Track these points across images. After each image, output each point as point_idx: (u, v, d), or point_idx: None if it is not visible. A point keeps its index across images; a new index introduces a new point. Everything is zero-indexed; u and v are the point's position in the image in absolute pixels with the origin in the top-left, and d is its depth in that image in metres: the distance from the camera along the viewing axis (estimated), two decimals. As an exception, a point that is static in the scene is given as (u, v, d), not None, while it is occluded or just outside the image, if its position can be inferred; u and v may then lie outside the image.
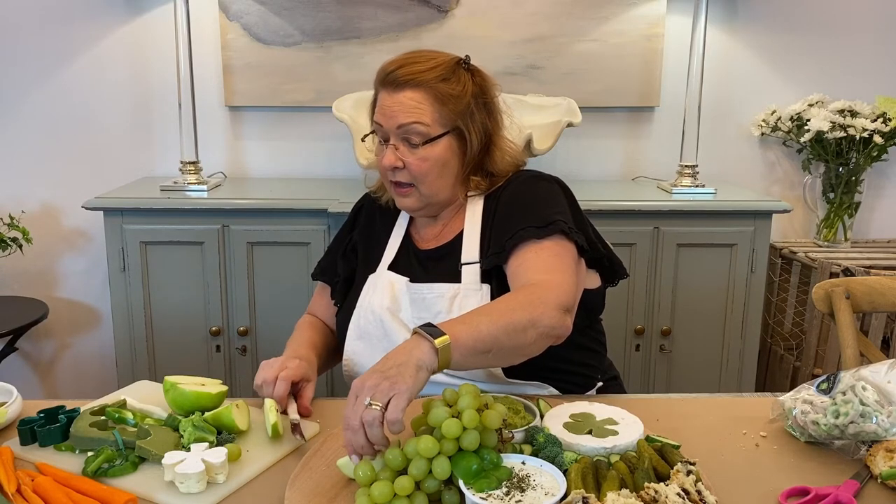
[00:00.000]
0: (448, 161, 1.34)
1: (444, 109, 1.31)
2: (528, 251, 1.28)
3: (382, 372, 1.00)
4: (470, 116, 1.34)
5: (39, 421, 1.17)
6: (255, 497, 1.03)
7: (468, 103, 1.33)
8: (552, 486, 0.95)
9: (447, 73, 1.32)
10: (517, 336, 1.13)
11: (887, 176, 2.75)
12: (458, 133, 1.34)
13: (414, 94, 1.30)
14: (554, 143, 2.27)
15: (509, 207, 1.35)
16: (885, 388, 1.13)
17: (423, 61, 1.32)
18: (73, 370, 2.83)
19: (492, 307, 1.19)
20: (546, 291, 1.19)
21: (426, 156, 1.32)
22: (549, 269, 1.25)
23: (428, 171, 1.33)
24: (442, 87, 1.31)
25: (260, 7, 2.53)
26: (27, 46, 2.58)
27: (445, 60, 1.34)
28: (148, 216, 2.26)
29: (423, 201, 1.38)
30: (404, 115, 1.30)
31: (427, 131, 1.31)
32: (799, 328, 2.54)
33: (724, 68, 2.64)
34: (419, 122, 1.30)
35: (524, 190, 1.38)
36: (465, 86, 1.34)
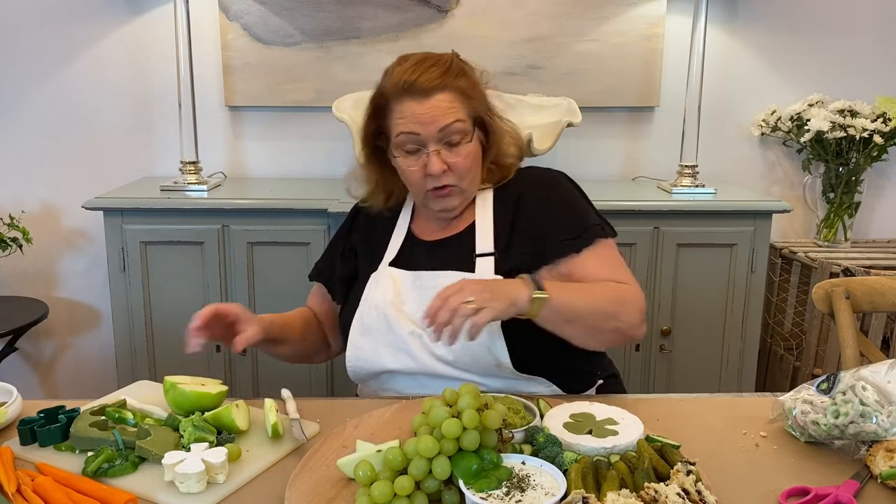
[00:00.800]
0: (478, 153, 1.39)
1: (470, 103, 1.36)
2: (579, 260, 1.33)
3: (489, 286, 1.17)
4: (482, 101, 1.39)
5: (39, 421, 1.17)
6: (255, 497, 1.03)
7: (480, 93, 1.39)
8: (552, 486, 0.95)
9: (459, 70, 1.37)
10: (600, 321, 1.26)
11: (887, 176, 2.75)
12: (481, 124, 1.39)
13: (444, 95, 1.33)
14: (554, 143, 2.27)
15: (536, 214, 1.38)
16: (885, 388, 1.13)
17: (437, 64, 1.35)
18: (73, 370, 2.83)
19: (589, 287, 1.29)
20: (632, 294, 1.30)
21: (468, 152, 1.36)
22: (623, 275, 1.34)
23: (471, 167, 1.37)
24: (462, 84, 1.36)
25: (260, 7, 2.53)
26: (27, 46, 2.58)
27: (451, 58, 1.38)
28: (148, 216, 2.26)
29: (464, 197, 1.41)
30: (444, 118, 1.32)
31: (465, 128, 1.35)
32: (799, 328, 2.54)
33: (724, 68, 2.64)
34: (458, 121, 1.34)
35: (547, 195, 1.41)
36: (473, 76, 1.39)
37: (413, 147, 1.35)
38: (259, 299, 2.32)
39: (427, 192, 1.38)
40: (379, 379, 1.40)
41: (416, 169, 1.35)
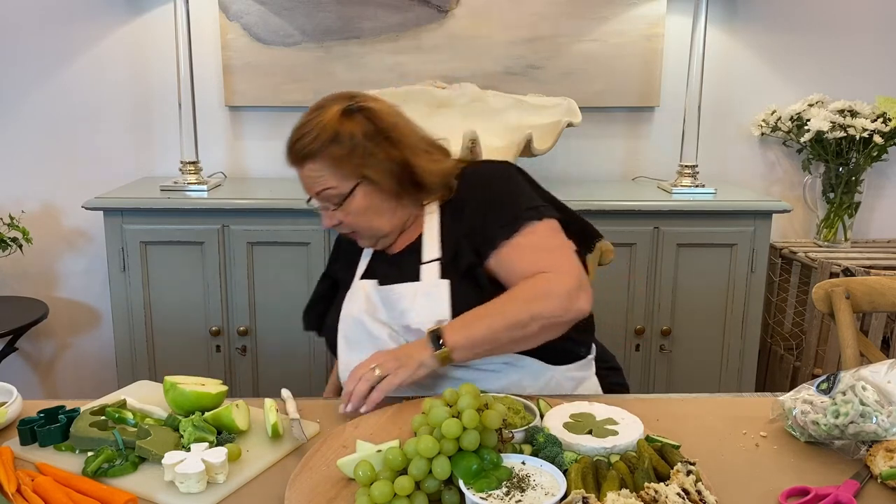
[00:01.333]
0: (371, 204, 1.38)
1: (345, 166, 1.35)
2: (508, 248, 1.33)
3: (395, 355, 1.25)
4: (371, 159, 1.35)
5: (39, 421, 1.17)
6: (255, 497, 1.03)
7: (364, 149, 1.35)
8: (552, 486, 0.95)
9: (333, 134, 1.34)
10: (518, 330, 1.26)
11: (887, 176, 2.75)
12: (367, 180, 1.37)
13: (312, 165, 1.36)
14: (554, 143, 2.27)
15: (478, 208, 1.38)
16: (885, 388, 1.13)
17: (308, 131, 1.35)
18: (73, 370, 2.83)
19: (498, 304, 1.28)
20: (550, 282, 1.28)
21: (349, 210, 1.38)
22: (543, 255, 1.32)
23: (359, 221, 1.40)
24: (333, 150, 1.34)
25: (260, 7, 2.53)
26: (27, 46, 2.58)
27: (330, 120, 1.35)
28: (148, 216, 2.26)
29: (374, 239, 1.44)
30: (314, 186, 1.38)
31: (338, 192, 1.37)
32: (799, 328, 2.54)
33: (724, 68, 2.64)
34: (327, 188, 1.37)
35: (482, 192, 1.40)
36: (355, 136, 1.34)
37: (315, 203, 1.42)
38: (259, 299, 2.32)
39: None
40: None
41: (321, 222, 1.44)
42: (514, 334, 1.27)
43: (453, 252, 1.36)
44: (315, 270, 2.28)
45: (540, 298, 1.27)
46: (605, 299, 2.32)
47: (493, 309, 1.27)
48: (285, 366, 2.36)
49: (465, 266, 1.34)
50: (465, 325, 1.26)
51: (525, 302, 1.26)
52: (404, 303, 1.35)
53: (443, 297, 1.32)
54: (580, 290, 1.29)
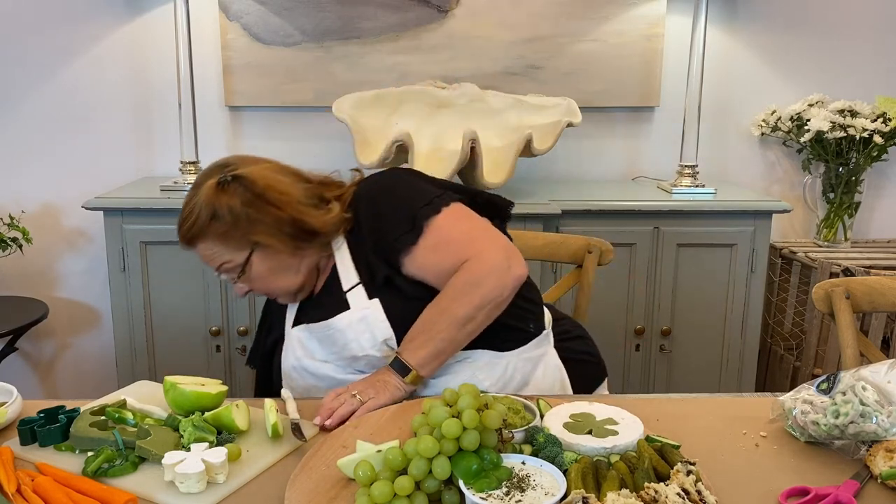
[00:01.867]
0: (273, 265, 1.36)
1: (232, 239, 1.33)
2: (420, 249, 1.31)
3: (371, 383, 1.27)
4: (258, 224, 1.32)
5: (39, 421, 1.17)
6: (255, 497, 1.03)
7: (246, 217, 1.31)
8: (552, 486, 0.95)
9: (212, 212, 1.31)
10: (469, 325, 1.28)
11: (887, 176, 2.75)
12: (259, 245, 1.34)
13: (202, 245, 1.36)
14: (554, 143, 2.27)
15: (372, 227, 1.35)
16: (885, 388, 1.13)
17: (190, 213, 1.33)
18: (73, 370, 2.83)
19: (438, 309, 1.28)
20: (477, 267, 1.28)
21: (252, 277, 1.38)
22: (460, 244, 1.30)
23: (266, 285, 1.39)
24: (216, 227, 1.32)
25: (260, 7, 2.53)
26: (27, 46, 2.58)
27: (206, 197, 1.32)
28: (148, 216, 2.26)
29: (290, 296, 1.43)
30: (211, 263, 1.38)
31: (235, 265, 1.36)
32: (799, 328, 2.54)
33: (724, 68, 2.64)
34: (222, 264, 1.36)
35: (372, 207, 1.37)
36: (234, 207, 1.31)
37: None
38: (258, 299, 2.31)
39: None
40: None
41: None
42: (466, 329, 1.28)
43: (368, 271, 1.35)
44: (315, 270, 2.28)
45: (475, 287, 1.27)
46: (605, 299, 2.32)
47: (438, 315, 1.28)
48: (285, 366, 2.36)
49: (383, 280, 1.33)
50: (420, 342, 1.28)
51: (463, 296, 1.27)
52: (343, 335, 1.34)
53: (378, 316, 1.32)
54: (509, 259, 1.30)
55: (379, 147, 2.24)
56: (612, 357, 2.39)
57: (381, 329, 1.32)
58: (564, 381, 1.45)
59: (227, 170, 1.34)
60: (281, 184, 1.35)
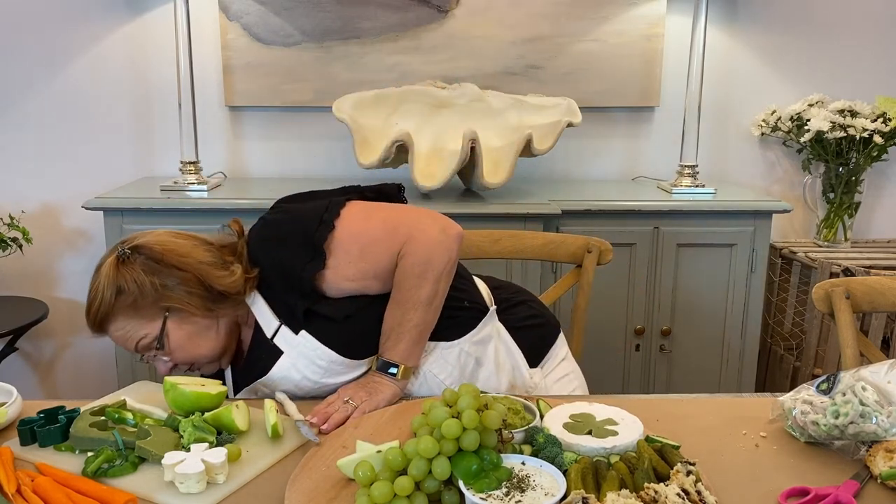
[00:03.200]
0: (191, 330, 1.32)
1: (142, 311, 1.29)
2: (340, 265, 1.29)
3: (363, 386, 1.28)
4: (165, 290, 1.29)
5: (39, 421, 1.17)
6: (255, 497, 1.03)
7: (152, 286, 1.28)
8: (552, 487, 0.95)
9: (116, 288, 1.28)
10: (434, 301, 1.30)
11: (887, 176, 2.75)
12: (173, 310, 1.30)
13: (113, 325, 1.30)
14: (554, 143, 2.27)
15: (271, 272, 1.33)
16: (885, 388, 1.13)
17: (94, 297, 1.29)
18: (73, 370, 2.83)
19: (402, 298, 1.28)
20: (417, 251, 1.28)
21: (174, 347, 1.32)
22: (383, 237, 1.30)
23: (187, 353, 1.33)
24: (123, 300, 1.28)
25: (260, 7, 2.53)
26: (27, 46, 2.58)
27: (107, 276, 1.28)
28: (148, 216, 2.26)
29: (215, 363, 1.38)
30: (128, 343, 1.32)
31: (151, 337, 1.31)
32: (799, 328, 2.54)
33: (724, 68, 2.64)
34: (140, 339, 1.31)
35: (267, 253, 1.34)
36: (137, 277, 1.28)
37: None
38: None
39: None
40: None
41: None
42: (433, 306, 1.30)
43: (287, 311, 1.31)
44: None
45: (426, 265, 1.28)
46: (605, 299, 2.32)
47: (403, 306, 1.28)
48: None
49: (303, 313, 1.30)
50: (395, 338, 1.28)
51: (418, 278, 1.28)
52: (290, 378, 1.31)
53: (314, 345, 1.29)
54: (438, 222, 1.31)
55: (379, 147, 2.24)
56: (611, 357, 2.39)
57: (322, 354, 1.29)
58: (515, 355, 1.43)
59: (124, 244, 1.31)
60: (180, 247, 1.32)
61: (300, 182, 2.61)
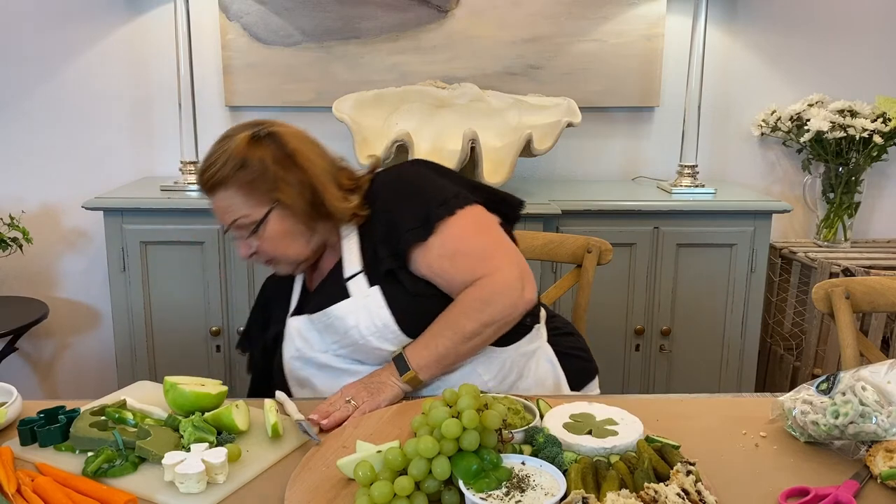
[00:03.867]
0: (286, 229, 1.36)
1: (254, 194, 1.33)
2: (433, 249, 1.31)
3: (366, 385, 1.28)
4: (282, 183, 1.33)
5: (39, 421, 1.17)
6: (255, 497, 1.03)
7: (274, 174, 1.32)
8: (552, 487, 0.95)
9: (241, 161, 1.32)
10: (474, 340, 1.30)
11: (887, 176, 2.75)
12: (280, 204, 1.34)
13: (223, 193, 1.34)
14: (554, 143, 2.27)
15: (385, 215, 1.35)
16: (885, 388, 1.13)
17: (216, 160, 1.33)
18: (73, 370, 2.83)
19: (447, 320, 1.30)
20: (491, 286, 1.29)
21: (265, 237, 1.36)
22: (475, 257, 1.31)
23: (275, 247, 1.37)
24: (242, 176, 1.32)
25: (260, 7, 2.53)
26: (27, 46, 2.58)
27: (237, 147, 1.33)
28: (148, 216, 2.26)
29: (293, 266, 1.43)
30: (226, 216, 1.36)
31: (251, 220, 1.34)
32: (799, 328, 2.54)
33: (724, 68, 2.64)
34: (239, 217, 1.35)
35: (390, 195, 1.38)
36: (265, 159, 1.32)
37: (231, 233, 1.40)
38: (259, 299, 2.32)
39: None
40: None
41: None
42: (471, 344, 1.30)
43: (373, 260, 1.35)
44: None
45: (487, 304, 1.29)
46: (605, 299, 2.32)
47: (448, 324, 1.30)
48: (285, 366, 2.36)
49: (386, 271, 1.33)
50: (426, 345, 1.30)
51: (475, 312, 1.29)
52: (344, 322, 1.34)
53: (379, 303, 1.32)
54: (523, 282, 1.31)
55: (379, 147, 2.24)
56: (611, 357, 2.39)
57: (381, 315, 1.32)
58: (558, 374, 1.46)
59: (262, 126, 1.35)
60: (310, 151, 1.38)
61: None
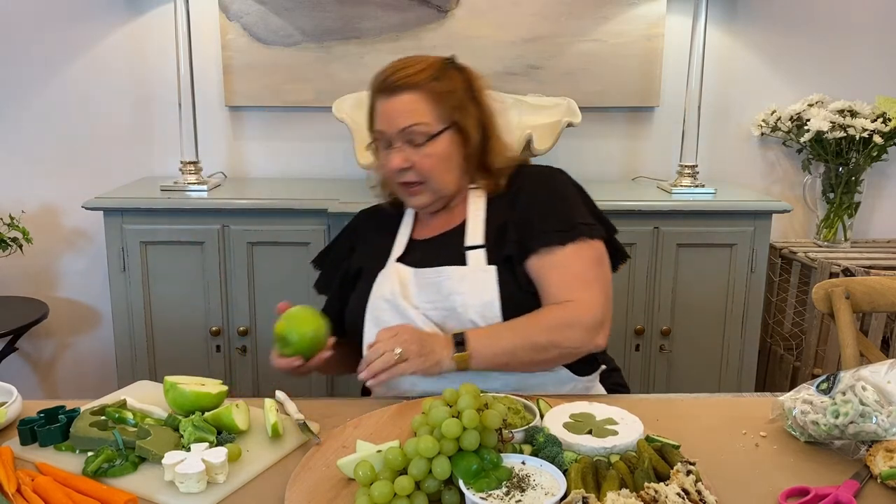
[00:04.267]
0: (451, 155, 1.40)
1: (441, 106, 1.37)
2: (555, 257, 1.35)
3: (420, 340, 1.26)
4: (465, 110, 1.39)
5: (39, 421, 1.17)
6: (255, 497, 1.03)
7: (461, 98, 1.39)
8: (552, 486, 0.95)
9: (437, 73, 1.38)
10: (536, 354, 1.30)
11: (887, 176, 2.75)
12: (457, 127, 1.39)
13: (410, 96, 1.36)
14: (554, 143, 2.27)
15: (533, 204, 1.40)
16: (885, 388, 1.13)
17: (413, 65, 1.38)
18: (73, 370, 2.83)
19: (522, 323, 1.31)
20: (578, 313, 1.32)
21: (431, 153, 1.38)
22: (581, 283, 1.34)
23: (434, 167, 1.39)
24: (435, 86, 1.37)
25: (260, 7, 2.53)
26: (27, 47, 2.58)
27: (434, 62, 1.40)
28: (148, 216, 2.26)
29: (434, 196, 1.43)
30: (405, 118, 1.36)
31: (428, 130, 1.37)
32: (799, 328, 2.54)
33: (724, 68, 2.64)
34: (419, 123, 1.36)
35: (541, 188, 1.44)
36: (455, 82, 1.39)
37: (385, 143, 1.41)
38: (259, 299, 2.32)
39: (400, 187, 1.44)
40: None
41: (386, 164, 1.42)
42: (532, 356, 1.31)
43: (497, 240, 1.38)
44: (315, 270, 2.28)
45: (564, 328, 1.31)
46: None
47: (518, 327, 1.31)
48: (285, 366, 2.36)
49: (506, 255, 1.37)
50: (489, 335, 1.30)
51: (549, 328, 1.30)
52: (450, 285, 1.35)
53: (491, 282, 1.34)
54: (601, 327, 1.34)
55: (379, 147, 2.24)
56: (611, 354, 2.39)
57: (489, 295, 1.34)
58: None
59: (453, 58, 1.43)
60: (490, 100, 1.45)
61: (300, 182, 2.61)
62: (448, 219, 1.47)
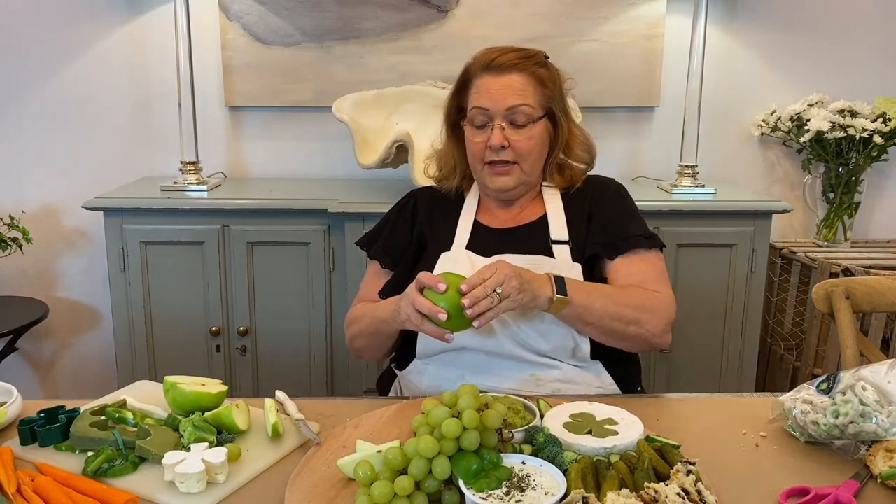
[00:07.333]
0: (544, 142, 1.46)
1: (544, 92, 1.44)
2: (640, 259, 1.42)
3: (520, 275, 1.24)
4: (559, 103, 1.47)
5: (39, 421, 1.17)
6: (255, 497, 1.03)
7: (558, 90, 1.47)
8: (552, 486, 0.95)
9: (543, 62, 1.45)
10: (620, 325, 1.33)
11: (887, 176, 2.75)
12: (551, 116, 1.46)
13: (519, 77, 1.42)
14: (554, 143, 2.27)
15: (615, 209, 1.48)
16: (885, 388, 1.13)
17: (522, 51, 1.44)
18: (73, 370, 2.83)
19: (614, 292, 1.36)
20: (662, 303, 1.38)
21: (531, 135, 1.43)
22: (664, 282, 1.43)
23: (531, 149, 1.44)
24: (542, 73, 1.44)
25: (260, 7, 2.53)
26: (27, 46, 2.58)
27: (538, 52, 1.47)
28: (148, 216, 2.26)
29: (520, 180, 1.46)
30: (513, 98, 1.41)
31: (532, 112, 1.42)
32: (799, 328, 2.54)
33: (724, 68, 2.64)
34: (526, 104, 1.41)
35: (623, 198, 1.52)
36: (554, 74, 1.47)
37: (481, 121, 1.43)
38: (259, 299, 2.32)
39: (485, 167, 1.45)
40: (445, 357, 1.41)
41: (480, 141, 1.44)
42: (613, 325, 1.33)
43: (581, 238, 1.43)
44: (315, 270, 2.29)
45: (649, 311, 1.35)
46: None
47: (610, 294, 1.35)
48: (285, 366, 2.37)
49: (589, 255, 1.42)
50: (586, 291, 1.32)
51: (637, 307, 1.34)
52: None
53: (578, 278, 1.38)
54: (670, 325, 1.38)
55: (379, 147, 2.24)
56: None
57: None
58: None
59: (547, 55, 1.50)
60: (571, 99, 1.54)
61: (300, 182, 2.61)
62: (519, 212, 1.50)
